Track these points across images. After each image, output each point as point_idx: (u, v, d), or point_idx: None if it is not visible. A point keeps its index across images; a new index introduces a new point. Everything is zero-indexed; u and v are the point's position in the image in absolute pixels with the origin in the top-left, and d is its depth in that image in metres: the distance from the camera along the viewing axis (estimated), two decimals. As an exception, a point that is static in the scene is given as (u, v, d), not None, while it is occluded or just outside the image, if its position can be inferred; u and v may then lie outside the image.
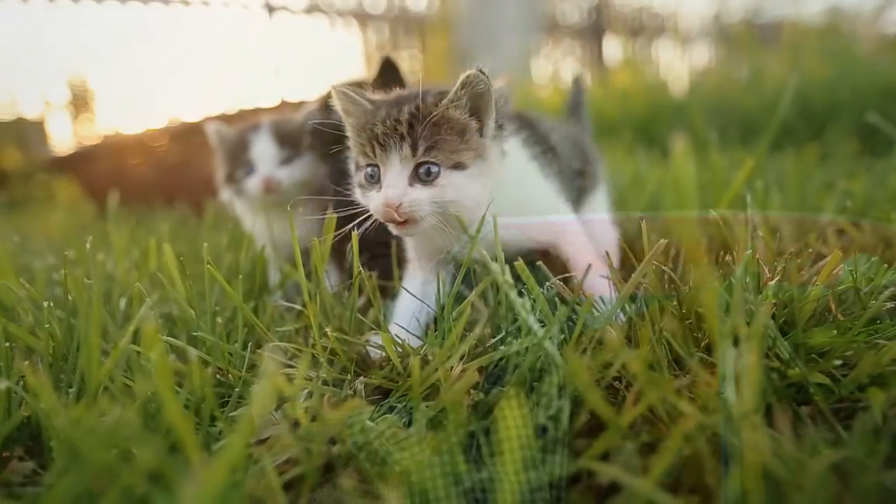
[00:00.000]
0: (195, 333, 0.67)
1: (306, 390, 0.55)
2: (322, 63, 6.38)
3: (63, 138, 5.20)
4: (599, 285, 0.68)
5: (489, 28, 5.69)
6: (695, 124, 2.20)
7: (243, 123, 1.16)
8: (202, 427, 0.50)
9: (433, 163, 0.71)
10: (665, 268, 0.64)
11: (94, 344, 0.51)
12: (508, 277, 0.58)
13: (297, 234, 0.76)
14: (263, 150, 1.10)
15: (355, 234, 0.72)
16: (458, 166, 0.72)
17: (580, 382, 0.45)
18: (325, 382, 0.61)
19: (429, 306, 0.78)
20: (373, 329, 0.74)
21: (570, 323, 0.61)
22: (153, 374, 0.47)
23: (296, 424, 0.49)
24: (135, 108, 6.49)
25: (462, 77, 0.70)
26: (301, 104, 1.35)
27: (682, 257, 0.75)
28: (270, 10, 5.77)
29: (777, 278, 0.62)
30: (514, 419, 0.33)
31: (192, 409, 0.51)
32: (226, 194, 1.18)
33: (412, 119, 0.71)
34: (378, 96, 0.79)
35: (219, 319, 0.69)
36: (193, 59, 5.92)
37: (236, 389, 0.60)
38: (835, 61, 2.47)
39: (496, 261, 0.62)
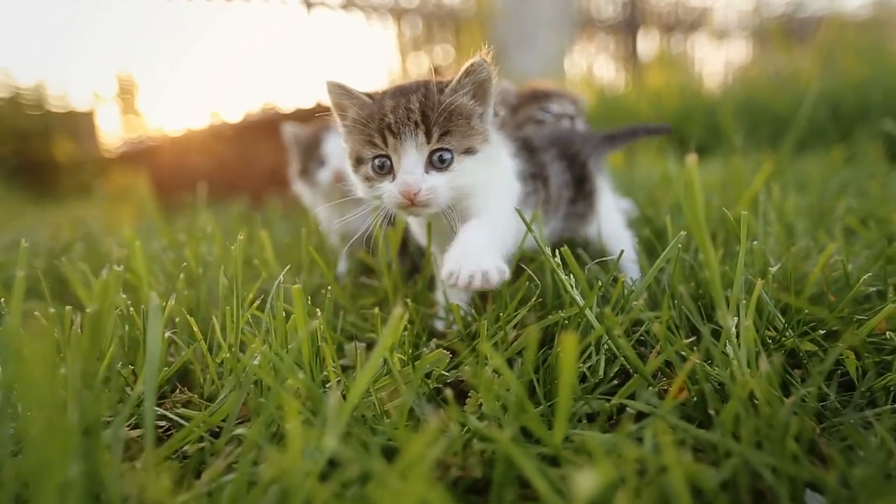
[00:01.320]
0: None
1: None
2: (358, 58, 6.57)
3: (111, 131, 5.49)
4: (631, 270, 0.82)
5: (524, 24, 5.79)
6: (725, 125, 2.30)
7: (315, 125, 1.33)
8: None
9: (447, 149, 0.73)
10: (685, 255, 0.78)
11: (236, 298, 0.68)
12: (557, 260, 0.72)
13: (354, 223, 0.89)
14: (333, 147, 1.27)
15: (430, 224, 0.84)
16: (469, 151, 0.75)
17: (614, 336, 0.59)
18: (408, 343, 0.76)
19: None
20: (435, 303, 0.90)
21: (605, 299, 0.76)
22: (293, 323, 0.63)
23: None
24: (177, 102, 6.77)
25: (466, 65, 0.73)
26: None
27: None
28: (309, 5, 5.97)
29: (778, 265, 0.76)
30: (567, 360, 0.47)
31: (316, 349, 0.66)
32: (298, 186, 1.35)
33: (423, 107, 0.73)
34: (374, 91, 0.80)
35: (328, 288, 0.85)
36: (232, 55, 6.16)
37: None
38: (868, 61, 2.53)
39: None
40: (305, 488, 0.40)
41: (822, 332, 0.68)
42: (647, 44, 7.41)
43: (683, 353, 0.61)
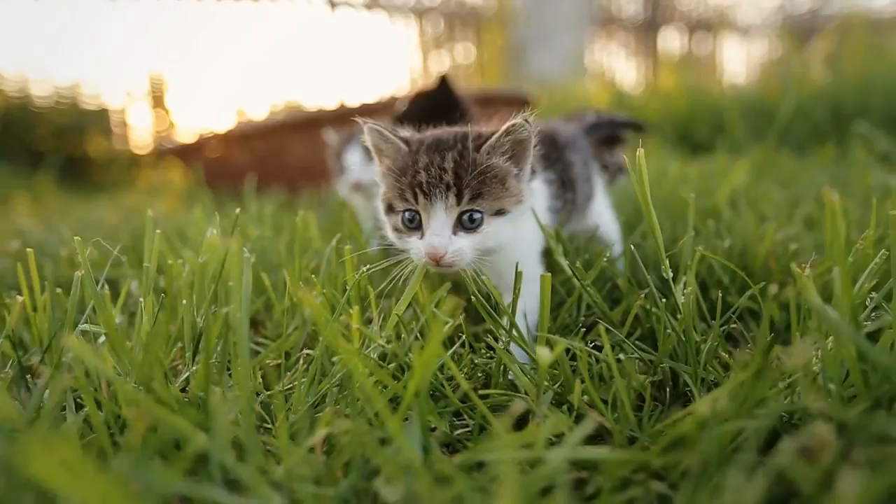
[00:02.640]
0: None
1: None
2: (381, 56, 6.81)
3: (143, 128, 5.79)
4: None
5: (544, 23, 5.96)
6: (730, 125, 2.48)
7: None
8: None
9: (477, 210, 0.74)
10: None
11: (296, 260, 0.89)
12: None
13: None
14: (353, 158, 1.45)
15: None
16: (500, 213, 0.75)
17: (587, 286, 0.79)
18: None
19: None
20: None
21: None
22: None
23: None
24: (204, 100, 7.07)
25: (507, 125, 0.73)
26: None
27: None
28: (333, 4, 6.21)
29: (729, 240, 0.95)
30: (545, 289, 0.67)
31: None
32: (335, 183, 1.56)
33: (457, 167, 0.73)
34: (412, 135, 0.81)
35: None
36: (257, 53, 6.43)
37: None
38: (869, 63, 2.68)
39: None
40: (365, 372, 0.60)
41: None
42: (669, 42, 7.52)
43: (643, 304, 0.81)
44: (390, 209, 0.79)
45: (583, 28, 6.23)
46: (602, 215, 1.14)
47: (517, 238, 0.81)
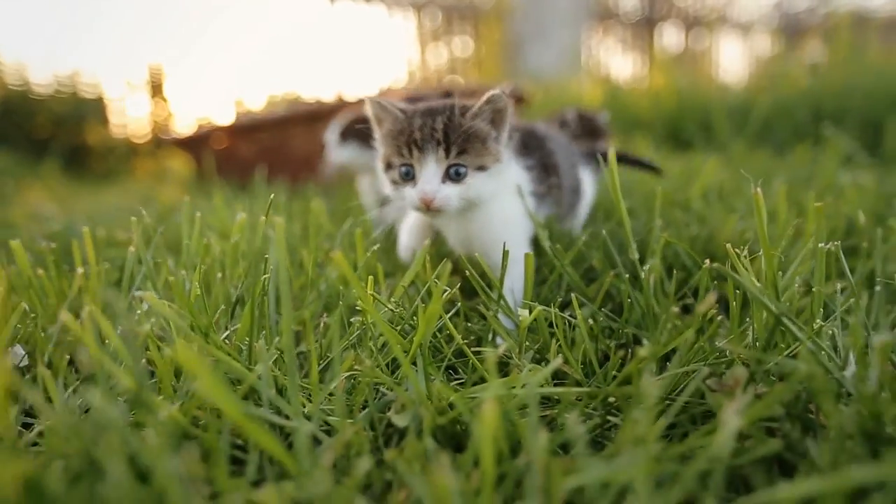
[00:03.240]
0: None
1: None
2: (379, 49, 6.91)
3: (142, 117, 5.89)
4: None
5: (541, 18, 6.07)
6: (717, 124, 2.62)
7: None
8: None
9: (462, 165, 0.89)
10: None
11: (311, 240, 1.02)
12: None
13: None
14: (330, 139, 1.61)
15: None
16: (481, 168, 0.90)
17: (565, 264, 0.92)
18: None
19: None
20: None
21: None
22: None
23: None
24: (203, 91, 7.16)
25: (486, 95, 0.89)
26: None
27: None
28: (332, -3, 6.32)
29: (698, 228, 1.09)
30: (528, 266, 0.81)
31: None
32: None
33: (446, 128, 0.88)
34: (407, 106, 0.95)
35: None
36: (255, 44, 6.53)
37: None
38: (850, 67, 2.82)
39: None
40: (383, 319, 0.73)
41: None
42: (666, 39, 7.65)
43: (614, 282, 0.95)
44: (389, 166, 0.93)
45: (580, 23, 6.35)
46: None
47: (495, 194, 0.94)
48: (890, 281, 0.89)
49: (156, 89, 6.06)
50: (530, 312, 0.70)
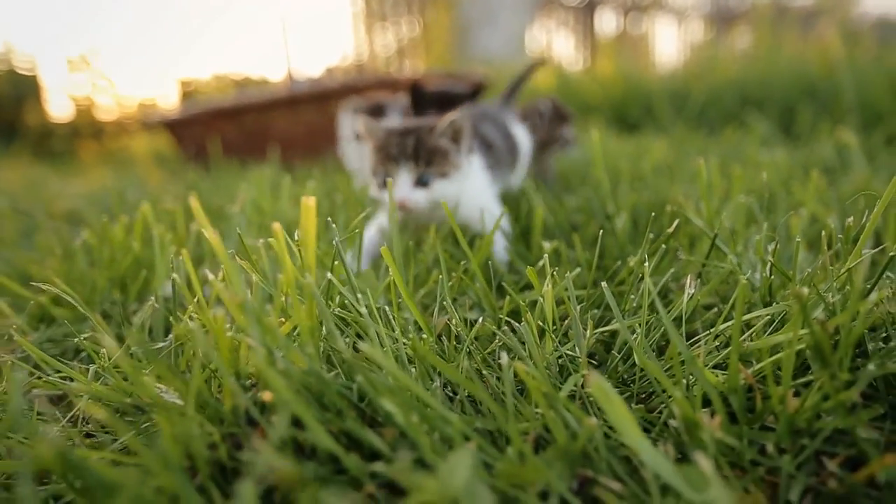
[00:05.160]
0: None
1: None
2: (325, 31, 7.05)
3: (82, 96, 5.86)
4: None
5: (490, 3, 6.39)
6: (658, 108, 3.01)
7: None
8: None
9: (428, 174, 1.14)
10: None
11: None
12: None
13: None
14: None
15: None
16: (444, 175, 1.15)
17: (560, 219, 1.25)
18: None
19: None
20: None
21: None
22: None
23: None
24: (142, 68, 7.12)
25: (448, 119, 1.14)
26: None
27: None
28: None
29: (650, 193, 1.43)
30: (537, 219, 1.13)
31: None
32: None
33: (417, 145, 1.14)
34: (390, 126, 1.21)
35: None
36: (205, 21, 6.55)
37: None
38: (770, 57, 3.28)
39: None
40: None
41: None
42: (606, 23, 8.10)
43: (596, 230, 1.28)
44: (374, 173, 1.19)
45: (526, 8, 6.70)
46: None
47: (460, 193, 1.20)
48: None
49: (94, 68, 5.99)
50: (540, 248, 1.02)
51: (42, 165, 3.99)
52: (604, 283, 0.75)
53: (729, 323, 0.73)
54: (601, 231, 0.95)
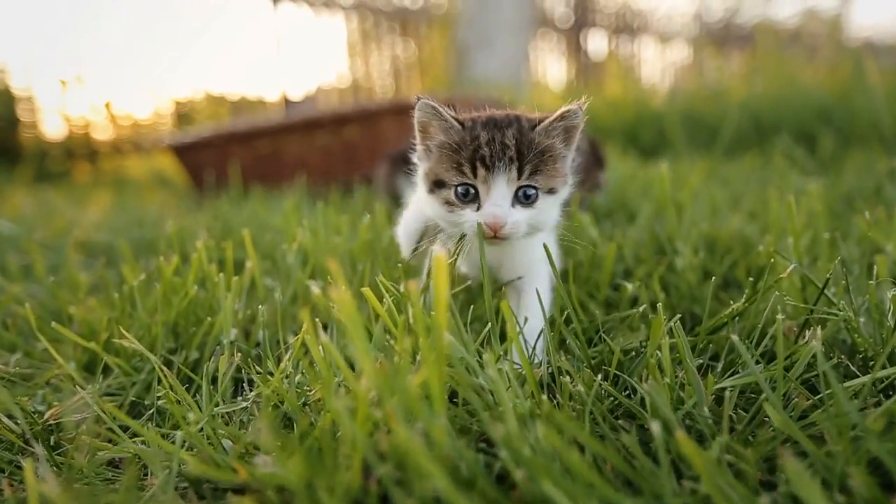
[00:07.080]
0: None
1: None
2: (322, 55, 7.04)
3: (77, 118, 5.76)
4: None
5: (486, 26, 6.39)
6: (671, 133, 2.99)
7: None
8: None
9: (535, 186, 0.78)
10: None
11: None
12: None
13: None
14: None
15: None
16: (552, 191, 0.80)
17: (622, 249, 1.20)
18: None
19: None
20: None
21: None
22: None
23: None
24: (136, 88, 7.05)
25: (562, 109, 0.79)
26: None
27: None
28: (275, 0, 6.38)
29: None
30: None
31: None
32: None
33: (519, 143, 0.77)
34: (465, 116, 0.84)
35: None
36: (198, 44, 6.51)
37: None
38: (782, 84, 3.29)
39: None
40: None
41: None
42: (595, 44, 8.15)
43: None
44: (438, 185, 0.81)
45: (523, 32, 6.71)
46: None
47: (550, 222, 0.86)
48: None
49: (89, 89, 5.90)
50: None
51: (44, 188, 3.89)
52: (734, 337, 0.69)
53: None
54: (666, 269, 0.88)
